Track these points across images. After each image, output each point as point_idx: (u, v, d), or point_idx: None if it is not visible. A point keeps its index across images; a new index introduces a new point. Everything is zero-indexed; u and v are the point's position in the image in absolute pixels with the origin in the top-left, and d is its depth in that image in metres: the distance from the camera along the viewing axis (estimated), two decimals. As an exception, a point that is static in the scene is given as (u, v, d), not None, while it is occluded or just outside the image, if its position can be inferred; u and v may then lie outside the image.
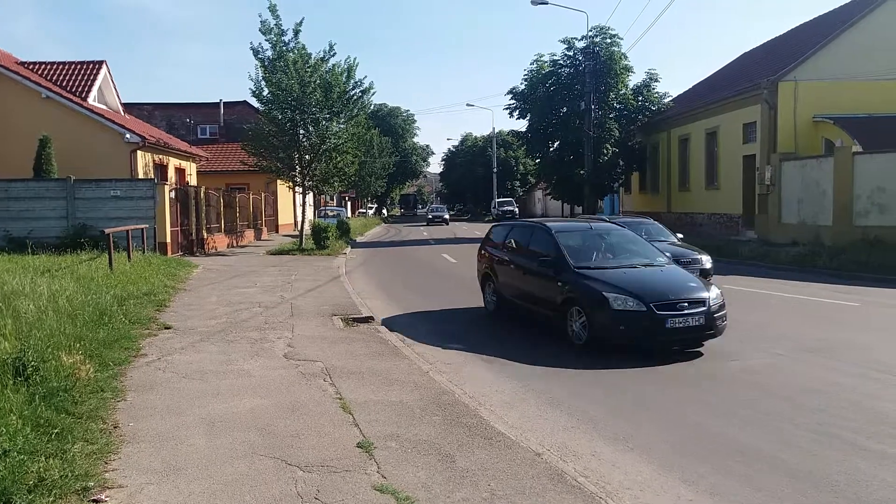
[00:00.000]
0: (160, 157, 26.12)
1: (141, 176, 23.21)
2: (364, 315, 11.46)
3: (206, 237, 24.12)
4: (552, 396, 7.02)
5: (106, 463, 4.89)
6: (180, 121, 42.41)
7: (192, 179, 30.09)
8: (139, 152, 23.57)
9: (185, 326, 10.16)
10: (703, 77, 39.72)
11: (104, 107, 26.01)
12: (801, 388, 7.19)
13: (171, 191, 21.37)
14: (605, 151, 35.23)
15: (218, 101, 43.10)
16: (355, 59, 25.28)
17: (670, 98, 37.11)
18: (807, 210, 22.42)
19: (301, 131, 25.32)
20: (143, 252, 17.78)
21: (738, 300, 13.55)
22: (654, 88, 36.71)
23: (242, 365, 7.88)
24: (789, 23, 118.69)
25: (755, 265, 19.32)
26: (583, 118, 34.43)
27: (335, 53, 25.02)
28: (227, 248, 26.26)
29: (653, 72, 36.88)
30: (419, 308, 13.01)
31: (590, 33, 35.39)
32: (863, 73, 23.78)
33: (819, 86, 23.97)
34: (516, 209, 67.40)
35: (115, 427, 5.66)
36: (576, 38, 36.09)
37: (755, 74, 27.94)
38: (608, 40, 35.26)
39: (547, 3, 34.50)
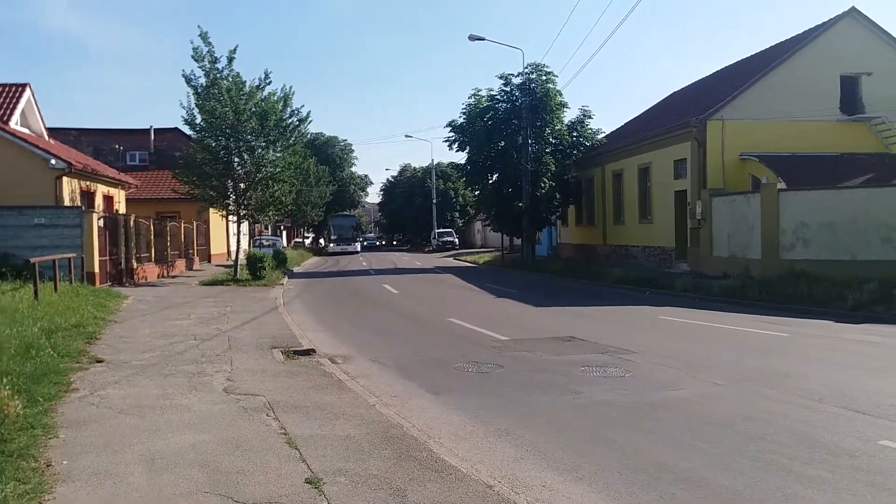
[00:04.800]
0: (87, 183, 25.29)
1: (67, 203, 22.41)
2: (305, 347, 11.25)
3: (135, 267, 23.40)
4: (499, 428, 7.00)
5: (40, 503, 4.63)
6: (108, 147, 41.25)
7: (121, 207, 29.20)
8: (65, 178, 22.80)
9: (118, 360, 9.77)
10: (636, 114, 41.01)
11: (27, 131, 25.10)
12: (739, 416, 7.37)
13: (99, 219, 20.69)
14: (543, 185, 35.78)
15: (148, 127, 42.19)
16: (291, 87, 25.31)
17: (604, 134, 38.01)
18: (736, 244, 23.23)
19: (236, 159, 24.98)
20: (71, 282, 17.11)
21: (675, 331, 13.91)
22: (587, 125, 37.54)
23: (181, 400, 7.60)
24: (719, 63, 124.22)
25: (688, 297, 19.83)
26: (520, 152, 34.98)
27: (271, 81, 24.97)
28: (158, 278, 25.51)
29: (586, 108, 37.80)
30: (362, 340, 12.87)
31: (526, 70, 36.04)
32: (784, 113, 24.92)
33: (745, 125, 24.98)
34: (456, 240, 67.94)
35: (47, 465, 5.37)
36: (512, 75, 36.68)
37: (685, 113, 28.97)
38: (543, 77, 35.94)
39: (484, 40, 35.22)
